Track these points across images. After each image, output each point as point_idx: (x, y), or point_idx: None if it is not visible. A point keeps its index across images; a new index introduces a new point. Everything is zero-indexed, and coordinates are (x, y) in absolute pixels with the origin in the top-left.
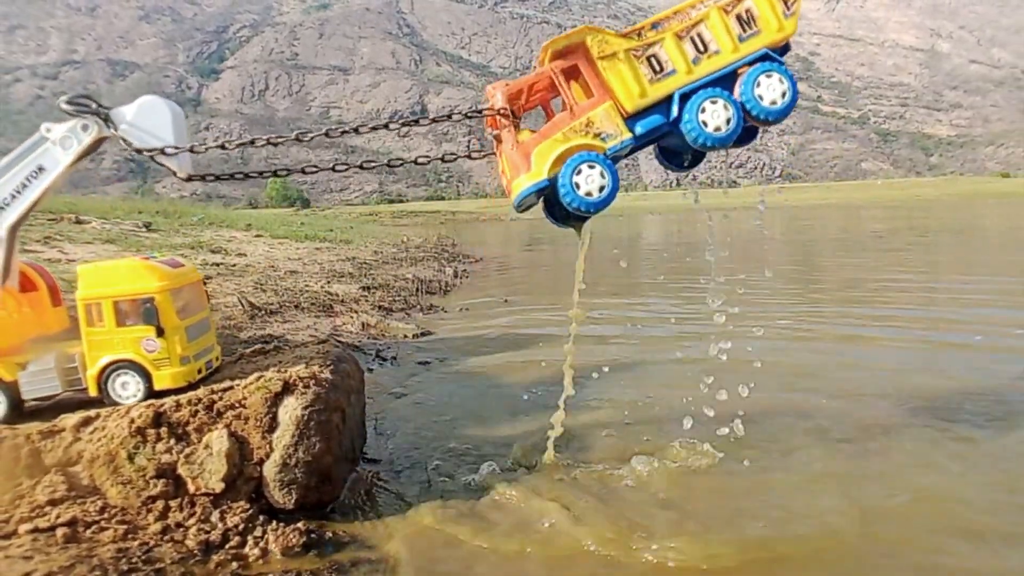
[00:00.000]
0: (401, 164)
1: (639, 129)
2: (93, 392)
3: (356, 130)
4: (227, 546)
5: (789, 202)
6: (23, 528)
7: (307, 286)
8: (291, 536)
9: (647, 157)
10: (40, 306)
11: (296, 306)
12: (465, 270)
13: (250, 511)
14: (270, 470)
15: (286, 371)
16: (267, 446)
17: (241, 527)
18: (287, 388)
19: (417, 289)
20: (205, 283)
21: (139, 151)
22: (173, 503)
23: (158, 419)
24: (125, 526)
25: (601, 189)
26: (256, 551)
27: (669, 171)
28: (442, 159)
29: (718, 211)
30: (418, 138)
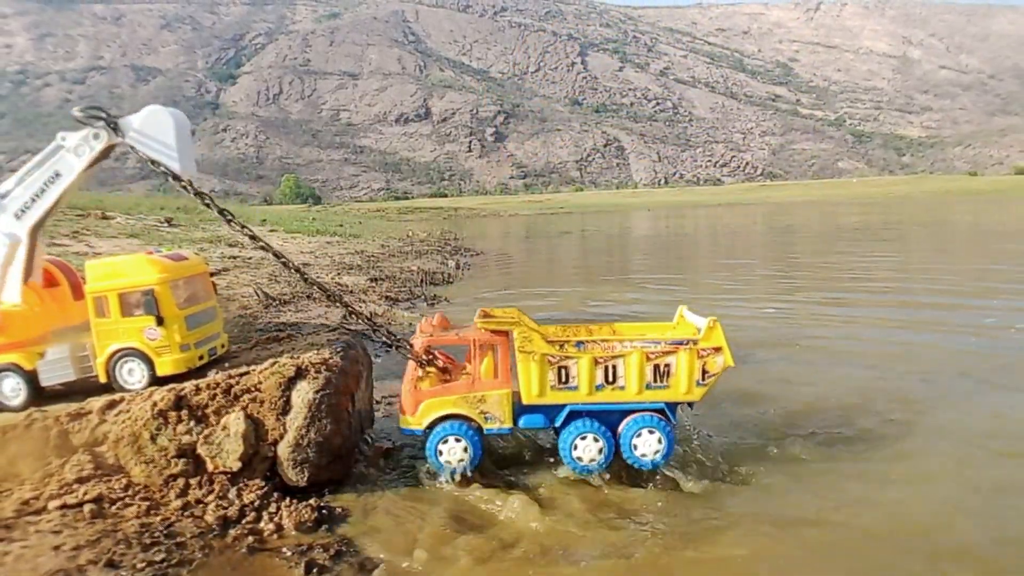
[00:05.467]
0: None
1: (521, 423)
2: (103, 379)
3: None
4: (244, 521)
5: (771, 199)
6: (53, 504)
7: (319, 277)
8: (304, 512)
9: (638, 156)
10: (62, 300)
11: (308, 296)
12: (467, 262)
13: (265, 488)
14: (284, 450)
15: (299, 357)
16: (281, 427)
17: (257, 503)
18: (300, 373)
19: (422, 280)
20: (213, 275)
21: (144, 158)
22: (193, 481)
23: (179, 402)
24: (148, 502)
25: (460, 461)
26: (271, 526)
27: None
28: None
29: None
30: (422, 139)
